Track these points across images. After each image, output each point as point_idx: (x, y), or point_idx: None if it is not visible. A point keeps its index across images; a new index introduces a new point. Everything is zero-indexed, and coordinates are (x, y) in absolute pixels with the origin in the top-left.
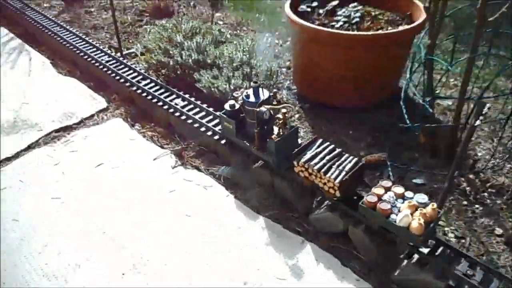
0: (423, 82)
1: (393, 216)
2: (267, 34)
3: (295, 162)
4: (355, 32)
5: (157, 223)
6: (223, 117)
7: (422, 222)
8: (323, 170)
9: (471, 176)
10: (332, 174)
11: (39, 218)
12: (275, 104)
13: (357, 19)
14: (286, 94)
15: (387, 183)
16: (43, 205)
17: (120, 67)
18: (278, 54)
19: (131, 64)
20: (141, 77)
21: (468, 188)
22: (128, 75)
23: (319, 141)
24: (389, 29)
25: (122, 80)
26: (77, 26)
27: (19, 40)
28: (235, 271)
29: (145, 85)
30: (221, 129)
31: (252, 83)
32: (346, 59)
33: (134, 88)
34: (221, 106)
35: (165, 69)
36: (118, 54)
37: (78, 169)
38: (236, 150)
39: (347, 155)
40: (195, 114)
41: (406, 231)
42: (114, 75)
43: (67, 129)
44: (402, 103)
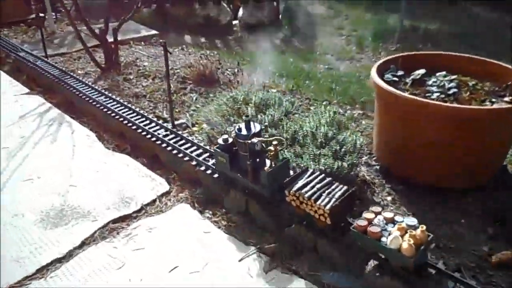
0: None
1: (383, 239)
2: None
3: (286, 191)
4: (479, 107)
5: None
6: (217, 151)
7: (412, 243)
8: (313, 197)
9: None
10: (322, 201)
11: None
12: (267, 137)
13: (455, 90)
14: (366, 171)
15: (377, 208)
16: None
17: (177, 140)
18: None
19: (187, 137)
20: (207, 154)
21: None
22: (192, 151)
23: (310, 171)
24: (493, 101)
25: (185, 157)
26: (117, 94)
27: (57, 109)
28: None
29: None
30: (214, 164)
31: (244, 117)
32: (460, 135)
33: (202, 167)
34: None
35: None
36: (170, 125)
37: (149, 275)
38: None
39: (337, 183)
40: None
41: (397, 253)
42: (173, 150)
43: (126, 218)
44: None
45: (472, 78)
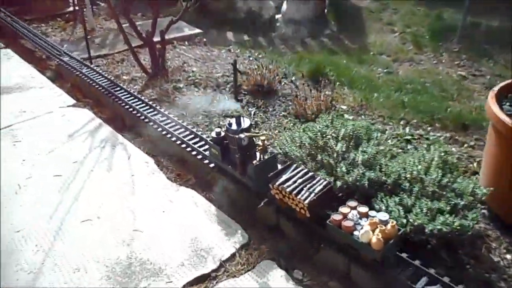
0: None
1: (356, 233)
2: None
3: (270, 185)
4: None
5: None
6: (210, 143)
7: (380, 238)
8: (294, 192)
9: None
10: (302, 195)
11: None
12: (256, 132)
13: None
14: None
15: (353, 203)
16: None
17: None
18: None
19: None
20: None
21: None
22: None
23: (294, 165)
24: None
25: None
26: (167, 105)
27: (109, 127)
28: None
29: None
30: (209, 155)
31: (234, 112)
32: None
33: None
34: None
35: None
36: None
37: None
38: None
39: (318, 178)
40: None
41: (367, 246)
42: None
43: (204, 279)
44: None
45: None
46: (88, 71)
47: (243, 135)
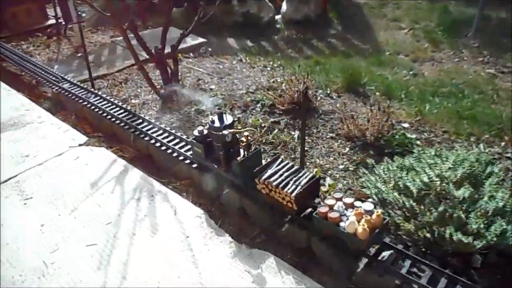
0: None
1: (342, 224)
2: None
3: (256, 180)
4: None
5: None
6: (193, 142)
7: (366, 227)
8: (281, 185)
9: None
10: (289, 189)
11: None
12: (239, 129)
13: None
14: None
15: (338, 194)
16: None
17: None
18: None
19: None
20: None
21: None
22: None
23: (279, 160)
24: None
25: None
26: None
27: (137, 169)
28: None
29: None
30: (192, 155)
31: (216, 110)
32: None
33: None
34: None
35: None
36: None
37: None
38: None
39: (304, 171)
40: None
41: (353, 236)
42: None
43: None
44: None
45: None
46: (96, 99)
47: (226, 132)
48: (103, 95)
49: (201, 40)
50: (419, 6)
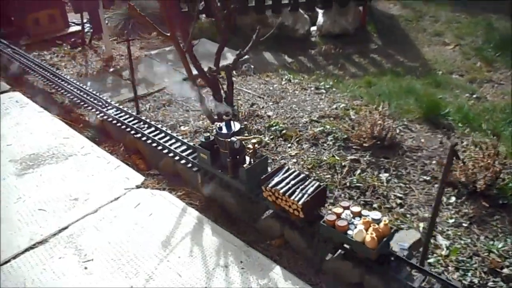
0: None
1: (350, 232)
2: None
3: (263, 187)
4: None
5: None
6: (199, 148)
7: (374, 236)
8: (288, 193)
9: None
10: (296, 196)
11: None
12: (246, 136)
13: None
14: None
15: (345, 203)
16: None
17: None
18: None
19: None
20: None
21: None
22: None
23: (286, 167)
24: None
25: None
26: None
27: (217, 226)
28: None
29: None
30: (197, 161)
31: (224, 116)
32: None
33: None
34: None
35: None
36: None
37: None
38: None
39: (310, 179)
40: None
41: (361, 245)
42: None
43: None
44: None
45: None
46: (151, 130)
47: (235, 139)
48: (154, 123)
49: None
50: (458, 20)
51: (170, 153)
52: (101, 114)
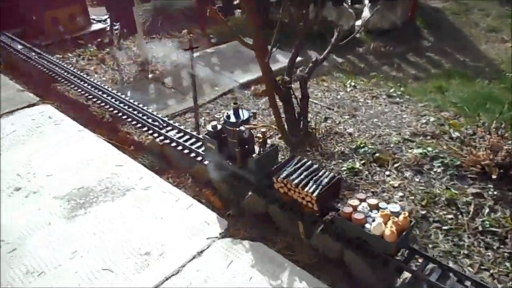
0: None
1: (367, 226)
2: None
3: (274, 178)
4: None
5: None
6: (206, 138)
7: (394, 230)
8: (301, 185)
9: None
10: (310, 188)
11: None
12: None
13: None
14: None
15: (361, 195)
16: None
17: None
18: None
19: None
20: None
21: None
22: None
23: (297, 158)
24: None
25: None
26: None
27: (302, 272)
28: None
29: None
30: (204, 151)
31: (232, 104)
32: None
33: None
34: None
35: None
36: None
37: None
38: None
39: (324, 170)
40: None
41: (380, 239)
42: None
43: None
44: None
45: None
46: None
47: (244, 128)
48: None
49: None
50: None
51: (236, 181)
52: (159, 135)
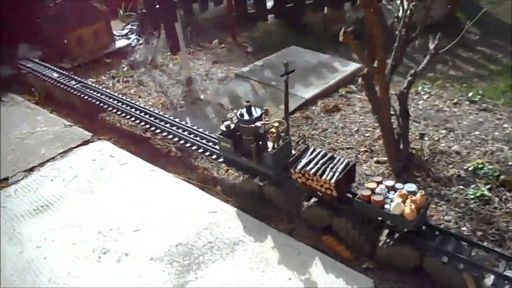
0: None
1: (386, 206)
2: None
3: (292, 170)
4: None
5: None
6: (221, 137)
7: (413, 208)
8: (318, 173)
9: None
10: (327, 176)
11: None
12: (267, 120)
13: None
14: None
15: (378, 178)
16: None
17: None
18: None
19: None
20: None
21: None
22: None
23: (311, 149)
24: None
25: None
26: None
27: None
28: None
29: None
30: (219, 150)
31: (245, 103)
32: None
33: None
34: None
35: None
36: None
37: None
38: None
39: (338, 157)
40: None
41: (400, 218)
42: None
43: None
44: None
45: None
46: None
47: (259, 124)
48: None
49: (353, 65)
50: None
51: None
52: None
